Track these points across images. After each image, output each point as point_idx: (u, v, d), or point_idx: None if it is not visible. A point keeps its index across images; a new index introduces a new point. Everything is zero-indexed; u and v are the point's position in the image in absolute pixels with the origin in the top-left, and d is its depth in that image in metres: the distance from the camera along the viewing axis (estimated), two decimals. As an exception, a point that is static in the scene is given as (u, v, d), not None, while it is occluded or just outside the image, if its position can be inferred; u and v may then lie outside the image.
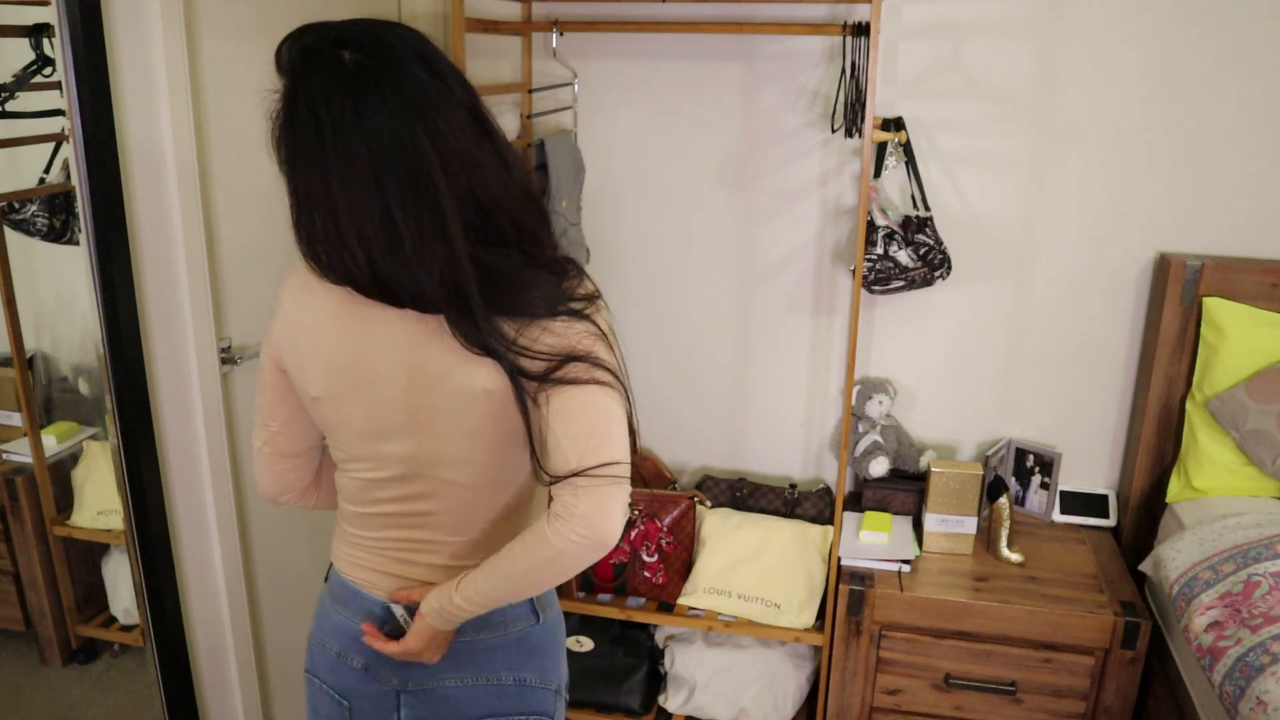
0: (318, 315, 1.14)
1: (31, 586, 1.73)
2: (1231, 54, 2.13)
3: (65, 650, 1.79)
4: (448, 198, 1.02)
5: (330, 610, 1.28)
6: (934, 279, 2.22)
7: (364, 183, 1.01)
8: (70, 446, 1.73)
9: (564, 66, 2.36)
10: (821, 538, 2.31)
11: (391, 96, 1.01)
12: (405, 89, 1.01)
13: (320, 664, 1.28)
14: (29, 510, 1.69)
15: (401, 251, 1.03)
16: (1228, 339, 2.10)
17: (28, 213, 1.59)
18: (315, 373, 1.16)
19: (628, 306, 2.55)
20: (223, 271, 1.77)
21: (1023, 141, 2.26)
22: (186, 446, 1.72)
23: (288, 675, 2.06)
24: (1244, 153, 2.18)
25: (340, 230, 1.04)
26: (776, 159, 2.37)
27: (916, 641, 2.13)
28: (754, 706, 2.34)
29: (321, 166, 1.02)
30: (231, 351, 1.80)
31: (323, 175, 1.03)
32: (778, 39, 2.29)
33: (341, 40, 1.04)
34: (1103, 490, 2.43)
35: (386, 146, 1.01)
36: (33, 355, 1.66)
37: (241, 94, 1.77)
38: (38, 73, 1.49)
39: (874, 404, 2.39)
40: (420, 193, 1.01)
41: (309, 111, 1.03)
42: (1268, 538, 1.86)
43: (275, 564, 1.99)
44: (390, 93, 1.01)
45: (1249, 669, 1.60)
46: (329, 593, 1.29)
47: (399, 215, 1.01)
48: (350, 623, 1.24)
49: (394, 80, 1.01)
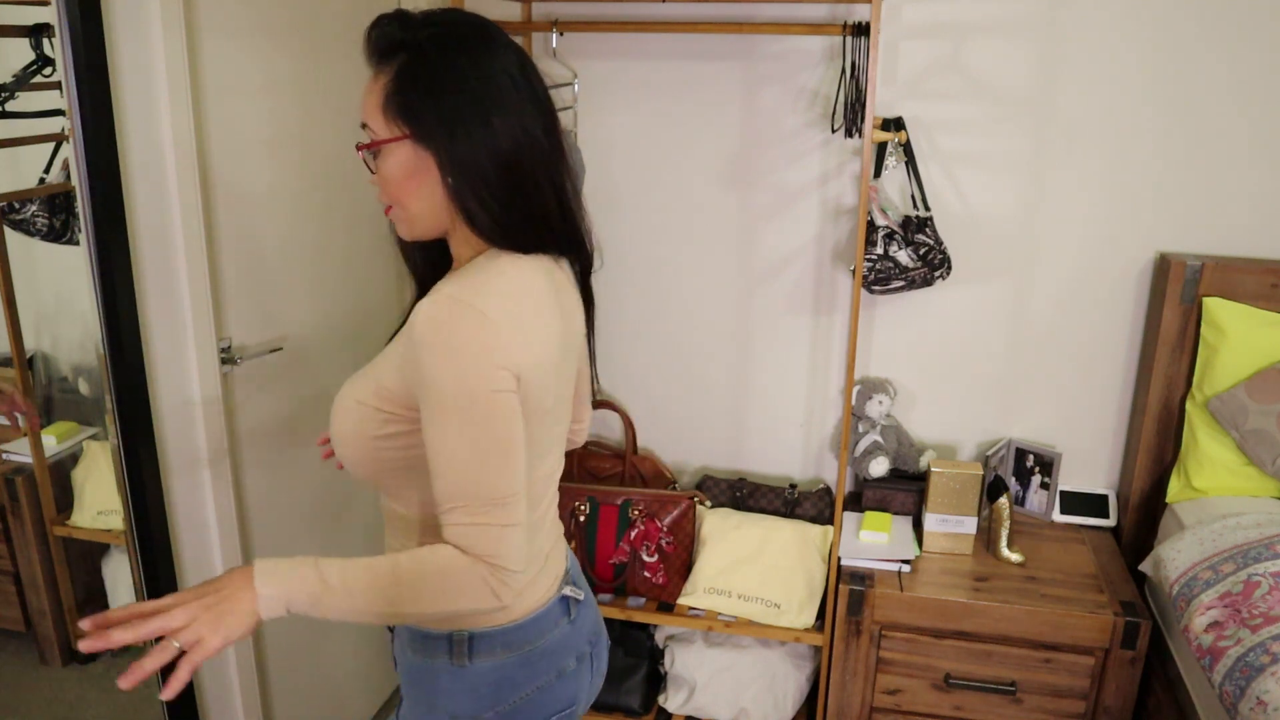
0: (537, 298, 1.09)
1: (31, 586, 1.73)
2: (1232, 54, 2.13)
3: (65, 650, 1.79)
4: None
5: (572, 633, 1.24)
6: (934, 279, 2.22)
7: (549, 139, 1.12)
8: (70, 446, 1.73)
9: (564, 66, 2.36)
10: (821, 538, 2.31)
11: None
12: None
13: (580, 689, 1.26)
14: (29, 510, 1.69)
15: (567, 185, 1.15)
16: (1228, 339, 2.10)
17: (28, 213, 1.59)
18: (551, 369, 1.10)
19: (627, 306, 2.55)
20: (223, 271, 1.77)
21: (1023, 141, 2.26)
22: (186, 446, 1.72)
23: (288, 675, 2.06)
24: (1244, 153, 2.18)
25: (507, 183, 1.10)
26: (776, 159, 2.37)
27: (916, 641, 2.13)
28: (754, 706, 2.34)
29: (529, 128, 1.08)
30: (231, 351, 1.80)
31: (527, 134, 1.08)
32: (778, 39, 2.29)
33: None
34: (1103, 490, 2.43)
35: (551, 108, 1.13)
36: (33, 355, 1.66)
37: (241, 94, 1.78)
38: (38, 73, 1.49)
39: (874, 404, 2.39)
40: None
41: (510, 82, 1.07)
42: (1268, 538, 1.86)
43: (275, 564, 1.99)
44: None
45: (1249, 669, 1.60)
46: (566, 620, 1.24)
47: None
48: (594, 622, 1.31)
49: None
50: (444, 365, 0.99)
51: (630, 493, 2.35)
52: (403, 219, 1.11)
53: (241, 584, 0.97)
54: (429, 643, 1.18)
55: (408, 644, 1.22)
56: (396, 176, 1.07)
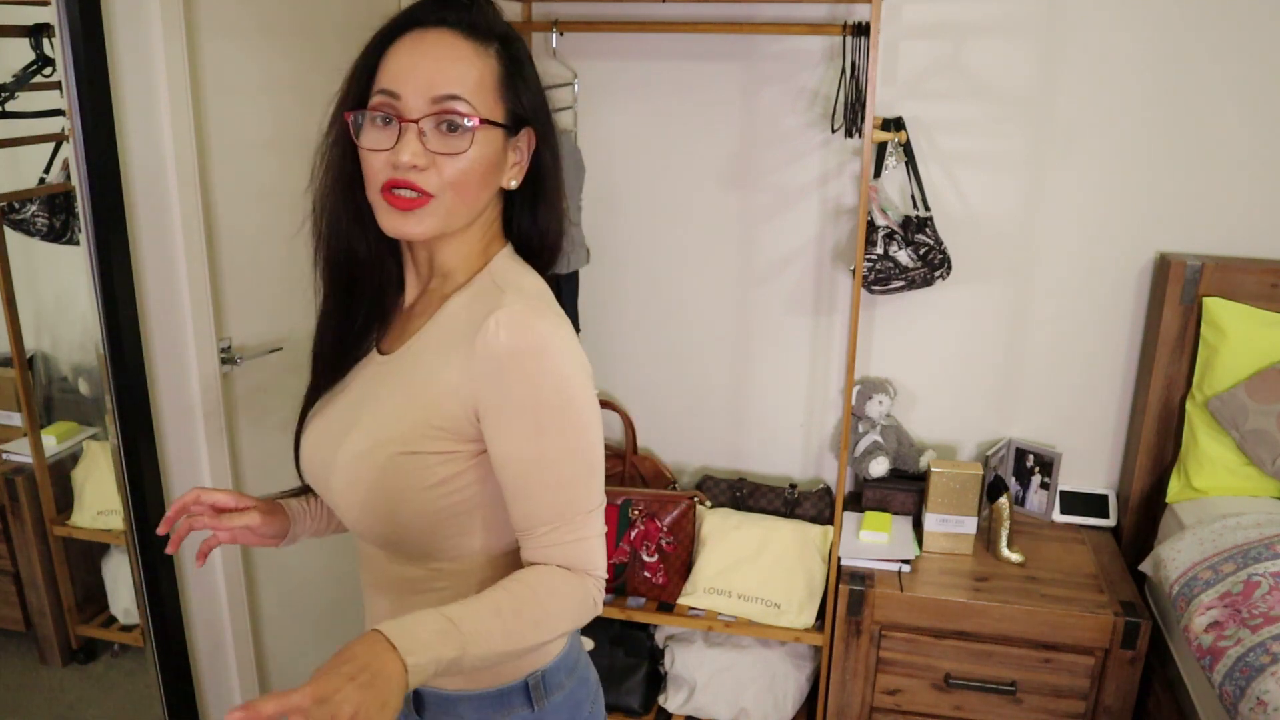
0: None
1: (31, 586, 1.73)
2: (1232, 54, 2.13)
3: (65, 650, 1.79)
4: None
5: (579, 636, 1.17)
6: (934, 279, 2.22)
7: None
8: (70, 446, 1.73)
9: (564, 66, 2.36)
10: (821, 538, 2.31)
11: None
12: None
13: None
14: (29, 510, 1.69)
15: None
16: (1228, 339, 2.10)
17: (28, 213, 1.59)
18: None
19: (627, 306, 2.55)
20: (223, 271, 1.77)
21: (1023, 141, 2.26)
22: (186, 446, 1.72)
23: (288, 675, 2.06)
24: (1244, 153, 2.18)
25: (563, 208, 1.08)
26: (776, 159, 2.37)
27: (916, 641, 2.13)
28: (754, 706, 2.34)
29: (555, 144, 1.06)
30: (231, 351, 1.79)
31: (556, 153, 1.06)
32: (778, 39, 2.29)
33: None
34: (1103, 490, 2.43)
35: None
36: (33, 355, 1.66)
37: (241, 94, 1.77)
38: (38, 73, 1.49)
39: (874, 404, 2.39)
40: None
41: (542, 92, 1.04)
42: (1268, 538, 1.86)
43: (275, 564, 2.00)
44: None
45: (1249, 669, 1.60)
46: (585, 657, 1.18)
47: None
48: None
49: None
50: (541, 375, 0.93)
51: (630, 493, 2.35)
52: (438, 213, 0.96)
53: (384, 656, 0.82)
54: (504, 700, 1.06)
55: (475, 712, 1.08)
56: (481, 164, 0.97)
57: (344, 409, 1.05)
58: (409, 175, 0.94)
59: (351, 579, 2.29)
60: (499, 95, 0.98)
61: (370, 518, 1.01)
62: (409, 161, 0.94)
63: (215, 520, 1.08)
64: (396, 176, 0.95)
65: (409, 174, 0.94)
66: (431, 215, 0.96)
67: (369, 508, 1.00)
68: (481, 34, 0.98)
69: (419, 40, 0.96)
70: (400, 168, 0.94)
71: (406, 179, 0.94)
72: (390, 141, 0.95)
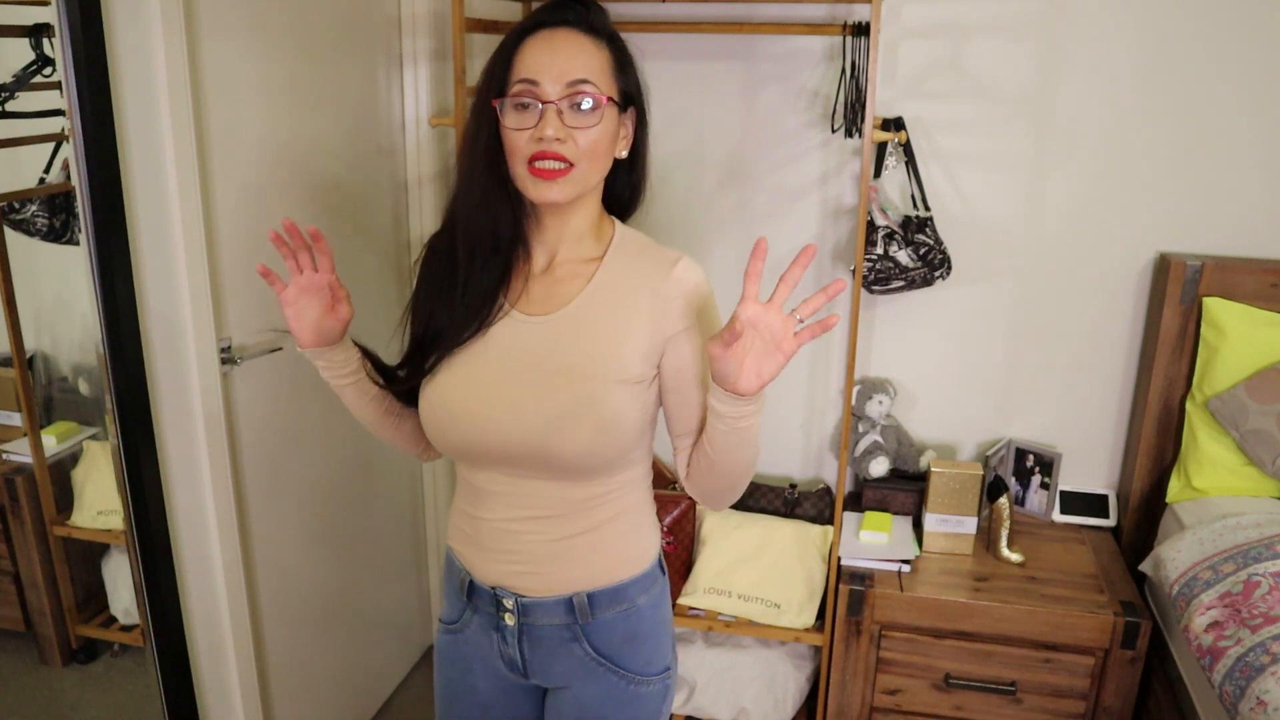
0: None
1: (31, 586, 1.73)
2: (1232, 54, 2.13)
3: (65, 650, 1.79)
4: None
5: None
6: (934, 279, 2.22)
7: None
8: (70, 446, 1.73)
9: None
10: (821, 538, 2.31)
11: None
12: None
13: None
14: (29, 510, 1.69)
15: None
16: (1228, 339, 2.11)
17: (28, 213, 1.59)
18: None
19: (628, 306, 2.55)
20: (223, 271, 1.77)
21: (1023, 141, 2.26)
22: (186, 446, 1.72)
23: (288, 675, 2.06)
24: (1244, 153, 2.18)
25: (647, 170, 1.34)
26: (776, 159, 2.37)
27: (916, 641, 2.13)
28: (754, 706, 2.34)
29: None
30: (231, 351, 1.79)
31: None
32: (778, 39, 2.29)
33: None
34: (1103, 490, 2.43)
35: None
36: (33, 355, 1.66)
37: (242, 94, 1.77)
38: (38, 73, 1.49)
39: (874, 404, 2.39)
40: None
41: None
42: (1268, 538, 1.86)
43: (275, 564, 1.99)
44: None
45: (1249, 669, 1.60)
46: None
47: None
48: None
49: None
50: (711, 305, 1.24)
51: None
52: (577, 179, 1.17)
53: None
54: (653, 576, 1.33)
55: (637, 588, 1.30)
56: (607, 135, 1.18)
57: (511, 363, 1.21)
58: (552, 146, 1.13)
59: (351, 579, 2.29)
60: (613, 79, 1.19)
61: (598, 446, 1.19)
62: (553, 135, 1.13)
63: (311, 271, 1.33)
64: (542, 148, 1.13)
65: (552, 145, 1.13)
66: (571, 182, 1.16)
67: (599, 439, 1.18)
68: (598, 30, 1.19)
69: (549, 37, 1.17)
70: (545, 140, 1.13)
71: (551, 149, 1.13)
72: (531, 121, 1.14)
